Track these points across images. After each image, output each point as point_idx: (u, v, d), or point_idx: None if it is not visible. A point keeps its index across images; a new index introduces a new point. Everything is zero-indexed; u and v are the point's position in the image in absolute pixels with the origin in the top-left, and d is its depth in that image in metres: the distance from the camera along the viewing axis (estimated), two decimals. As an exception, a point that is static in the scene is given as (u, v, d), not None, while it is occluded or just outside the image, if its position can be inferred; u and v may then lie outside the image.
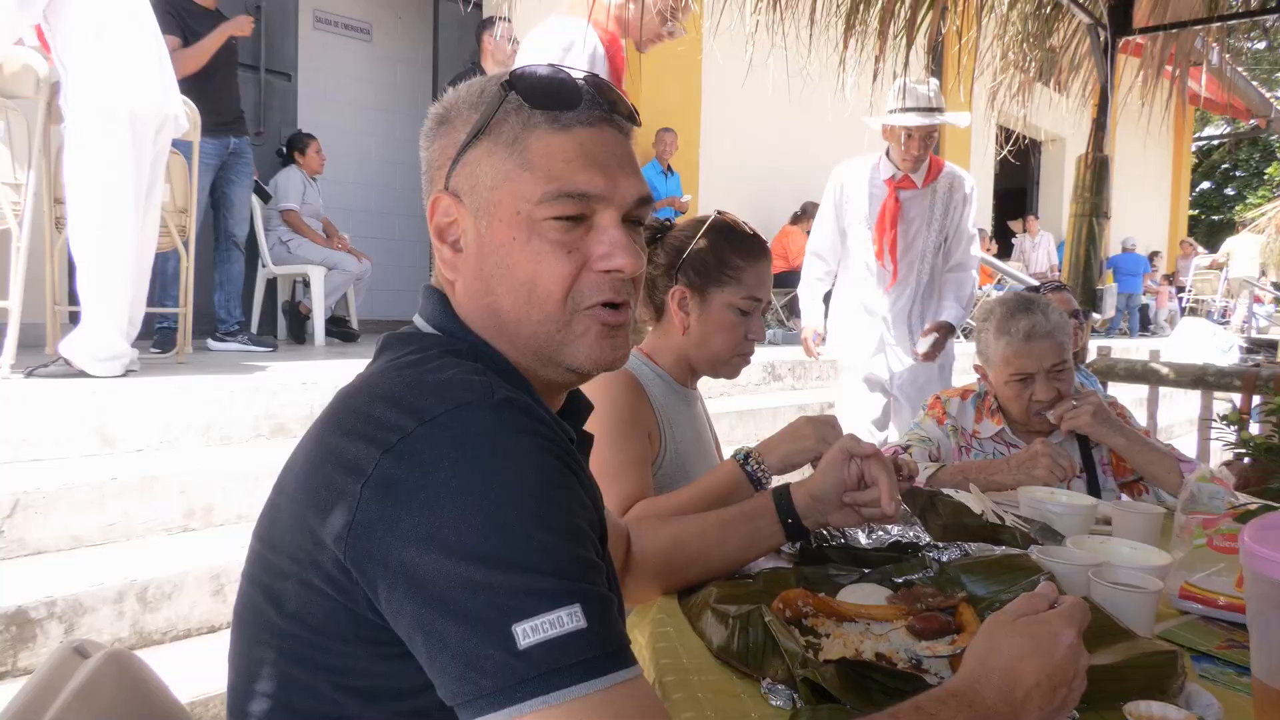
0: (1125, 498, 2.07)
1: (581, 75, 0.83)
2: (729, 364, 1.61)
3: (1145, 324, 13.09)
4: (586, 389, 0.93)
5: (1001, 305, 2.04)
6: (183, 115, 3.35)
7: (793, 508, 1.24)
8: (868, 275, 3.32)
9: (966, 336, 5.71)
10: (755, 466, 1.42)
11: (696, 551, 1.23)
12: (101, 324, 3.11)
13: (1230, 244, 14.08)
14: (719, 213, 1.62)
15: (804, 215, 8.14)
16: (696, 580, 1.23)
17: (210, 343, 4.59)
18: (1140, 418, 2.29)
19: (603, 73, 2.55)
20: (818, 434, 1.42)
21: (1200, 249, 14.91)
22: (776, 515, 1.24)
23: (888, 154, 3.28)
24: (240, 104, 4.67)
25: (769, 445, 1.45)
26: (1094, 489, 2.01)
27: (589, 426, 0.94)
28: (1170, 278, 14.34)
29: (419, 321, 0.86)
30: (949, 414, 2.12)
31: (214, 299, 4.66)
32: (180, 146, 3.77)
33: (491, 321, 0.82)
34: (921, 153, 3.19)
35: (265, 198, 5.27)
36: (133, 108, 3.08)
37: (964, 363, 3.26)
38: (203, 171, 4.36)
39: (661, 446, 1.55)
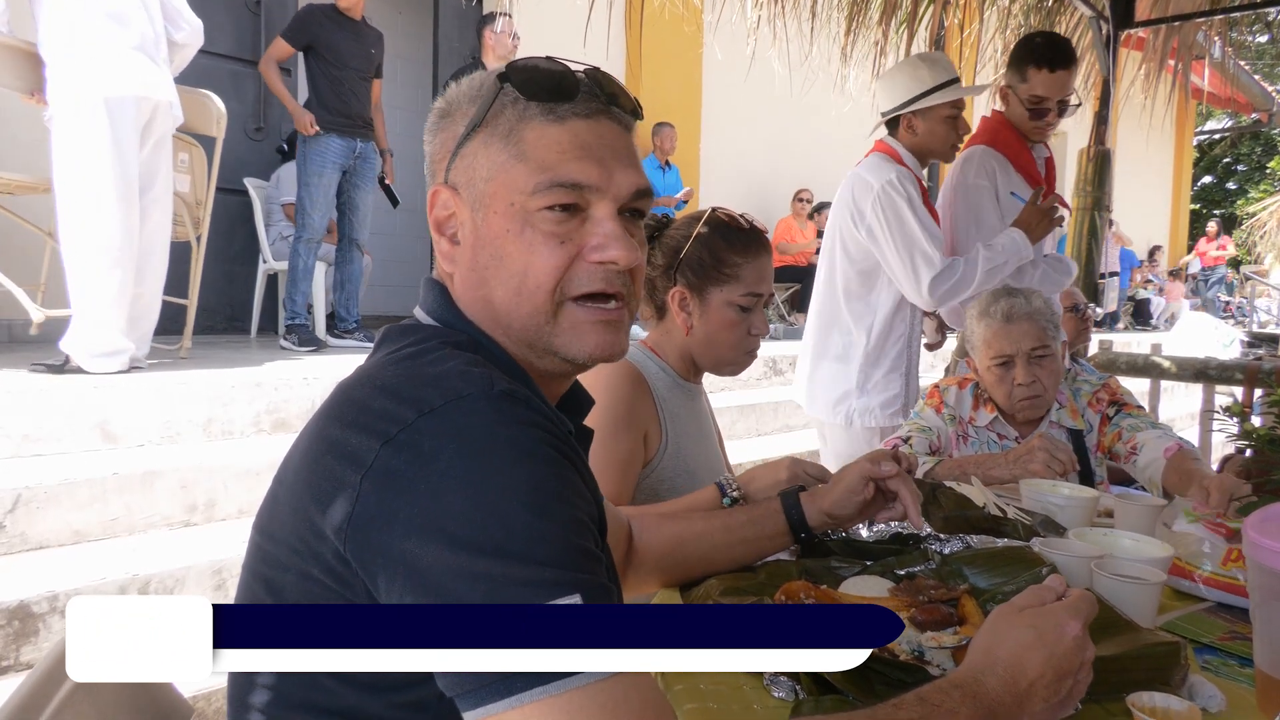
0: (1116, 490, 2.08)
1: (581, 68, 0.83)
2: (734, 363, 1.60)
3: (1147, 319, 13.07)
4: (586, 379, 0.92)
5: (987, 293, 2.10)
6: (177, 105, 3.28)
7: (805, 524, 1.25)
8: (912, 311, 2.60)
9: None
10: (740, 503, 1.41)
11: (697, 552, 1.24)
12: (94, 319, 3.04)
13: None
14: (715, 209, 1.60)
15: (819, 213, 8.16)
16: (698, 576, 1.23)
17: (329, 339, 4.75)
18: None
19: None
20: (792, 475, 1.42)
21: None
22: (787, 527, 1.25)
23: (901, 149, 2.54)
24: (369, 109, 4.69)
25: (750, 479, 1.45)
26: (1088, 479, 2.01)
27: (586, 419, 0.94)
28: (1176, 273, 14.21)
29: (419, 313, 0.86)
30: (946, 403, 2.12)
31: (335, 298, 4.84)
32: (203, 141, 3.74)
33: (487, 313, 0.82)
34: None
35: (395, 202, 5.14)
36: (108, 95, 3.01)
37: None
38: (330, 171, 4.46)
39: (662, 440, 1.55)
